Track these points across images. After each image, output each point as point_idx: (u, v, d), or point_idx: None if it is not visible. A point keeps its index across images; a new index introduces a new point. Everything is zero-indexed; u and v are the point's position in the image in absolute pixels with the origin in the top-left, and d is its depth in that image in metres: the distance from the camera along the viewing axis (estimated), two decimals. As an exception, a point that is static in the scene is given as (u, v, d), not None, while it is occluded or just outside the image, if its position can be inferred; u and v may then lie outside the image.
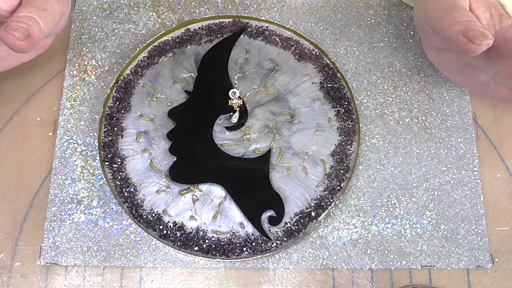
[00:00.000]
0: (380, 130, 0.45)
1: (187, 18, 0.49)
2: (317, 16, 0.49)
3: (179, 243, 0.41)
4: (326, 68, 0.47)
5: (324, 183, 0.43)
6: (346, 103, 0.46)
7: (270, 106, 0.45)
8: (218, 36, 0.48)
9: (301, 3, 0.50)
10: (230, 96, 0.44)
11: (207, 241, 0.41)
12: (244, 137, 0.44)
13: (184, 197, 0.43)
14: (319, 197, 0.43)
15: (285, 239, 0.41)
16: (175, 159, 0.44)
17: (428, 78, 0.47)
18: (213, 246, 0.41)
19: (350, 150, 0.44)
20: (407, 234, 0.42)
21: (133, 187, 0.43)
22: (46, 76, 0.47)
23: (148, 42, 0.47)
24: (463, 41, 0.34)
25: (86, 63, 0.47)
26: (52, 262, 0.41)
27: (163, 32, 0.47)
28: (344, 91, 0.46)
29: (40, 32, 0.36)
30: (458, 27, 0.35)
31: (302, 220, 0.42)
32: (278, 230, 0.42)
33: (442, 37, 0.37)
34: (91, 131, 0.45)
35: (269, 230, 0.42)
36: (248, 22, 0.48)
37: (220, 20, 0.48)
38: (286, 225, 0.42)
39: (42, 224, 0.42)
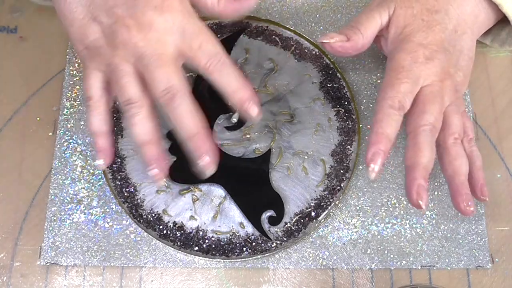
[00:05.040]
0: (380, 130, 0.45)
1: (187, 18, 0.49)
2: (317, 16, 0.49)
3: (179, 243, 0.41)
4: (326, 68, 0.47)
5: (324, 183, 0.43)
6: (346, 103, 0.46)
7: (270, 106, 0.45)
8: (218, 36, 0.48)
9: (301, 3, 0.50)
10: (230, 96, 0.44)
11: (207, 241, 0.41)
12: (244, 137, 0.44)
13: (184, 197, 0.43)
14: (319, 197, 0.43)
15: (285, 239, 0.41)
16: (175, 159, 0.44)
17: (428, 78, 0.47)
18: (213, 246, 0.41)
19: (350, 150, 0.44)
20: (407, 234, 0.42)
21: (133, 187, 0.43)
22: (46, 76, 0.47)
23: (148, 42, 0.47)
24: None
25: (86, 63, 0.47)
26: (52, 262, 0.41)
27: (163, 32, 0.47)
28: (344, 91, 0.46)
29: None
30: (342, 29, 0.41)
31: (302, 220, 0.42)
32: (278, 230, 0.42)
33: None
34: (91, 131, 0.45)
35: (269, 230, 0.42)
36: (248, 22, 0.48)
37: (220, 20, 0.48)
38: (286, 225, 0.42)
39: (42, 224, 0.42)
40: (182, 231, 0.42)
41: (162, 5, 0.35)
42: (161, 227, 0.42)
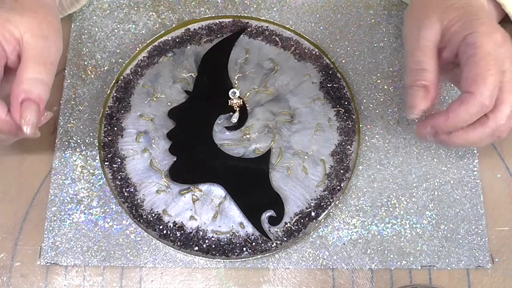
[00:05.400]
0: (380, 130, 0.45)
1: (187, 18, 0.49)
2: (317, 16, 0.49)
3: (179, 243, 0.41)
4: (326, 68, 0.47)
5: (324, 183, 0.43)
6: (346, 103, 0.46)
7: (270, 106, 0.45)
8: (218, 36, 0.48)
9: (301, 3, 0.50)
10: (230, 96, 0.44)
11: (207, 241, 0.41)
12: (244, 137, 0.44)
13: (184, 197, 0.43)
14: (319, 197, 0.43)
15: (285, 239, 0.41)
16: (175, 159, 0.44)
17: (428, 78, 0.47)
18: (213, 246, 0.41)
19: (350, 150, 0.44)
20: (407, 234, 0.42)
21: (133, 187, 0.43)
22: (46, 76, 0.46)
23: (148, 42, 0.47)
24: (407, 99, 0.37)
25: (86, 63, 0.47)
26: (52, 262, 0.41)
27: (163, 32, 0.47)
28: (344, 91, 0.46)
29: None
30: (409, 78, 0.37)
31: (302, 220, 0.42)
32: (278, 230, 0.42)
33: None
34: (91, 131, 0.45)
35: (269, 230, 0.42)
36: (248, 22, 0.48)
37: (220, 20, 0.48)
38: (286, 225, 0.42)
39: (42, 224, 0.42)
40: (182, 231, 0.42)
41: None
42: (161, 227, 0.42)
